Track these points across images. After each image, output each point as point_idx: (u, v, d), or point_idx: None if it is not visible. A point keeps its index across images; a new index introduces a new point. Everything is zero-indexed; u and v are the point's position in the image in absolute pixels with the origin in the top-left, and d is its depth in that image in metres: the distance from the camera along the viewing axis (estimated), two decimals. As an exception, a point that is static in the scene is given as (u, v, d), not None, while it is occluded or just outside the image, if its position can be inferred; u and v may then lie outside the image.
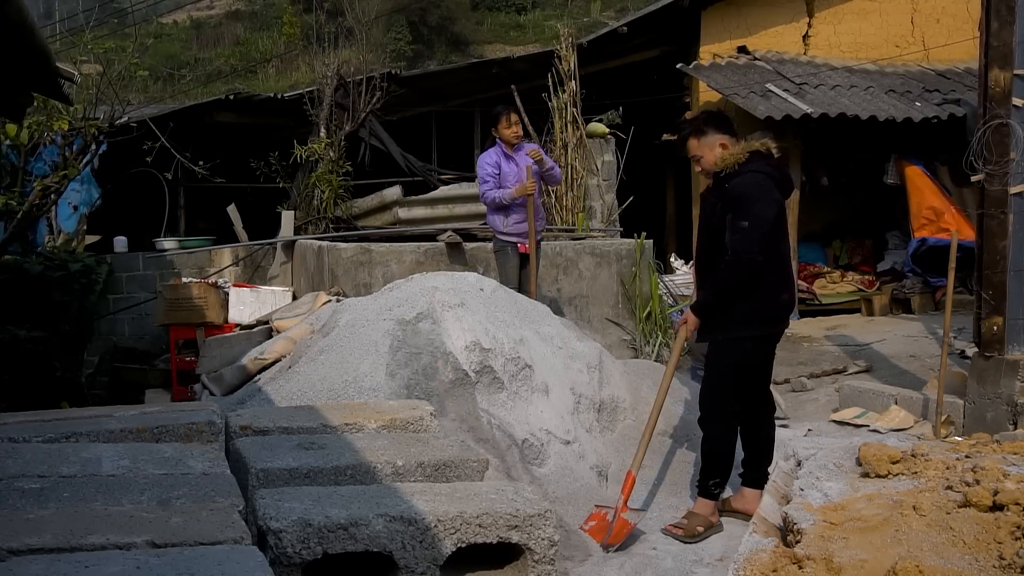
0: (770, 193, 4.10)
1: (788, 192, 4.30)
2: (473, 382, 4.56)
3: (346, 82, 10.56)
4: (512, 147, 6.75)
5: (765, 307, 4.16)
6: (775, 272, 4.15)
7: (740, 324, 4.14)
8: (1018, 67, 5.25)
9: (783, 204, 4.22)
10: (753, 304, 4.11)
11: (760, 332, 4.20)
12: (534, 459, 4.48)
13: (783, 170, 4.32)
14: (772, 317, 4.24)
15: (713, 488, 4.24)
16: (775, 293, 4.18)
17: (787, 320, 4.42)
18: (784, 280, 4.27)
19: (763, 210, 4.05)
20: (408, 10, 29.88)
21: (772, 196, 4.11)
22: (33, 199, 8.06)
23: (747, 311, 4.12)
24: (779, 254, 4.19)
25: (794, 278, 4.38)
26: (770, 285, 4.14)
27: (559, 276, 7.94)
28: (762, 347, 4.29)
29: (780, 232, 4.20)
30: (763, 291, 4.12)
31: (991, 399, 5.34)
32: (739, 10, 10.68)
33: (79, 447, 3.18)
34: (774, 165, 4.23)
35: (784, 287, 4.27)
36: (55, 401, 7.00)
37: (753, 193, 4.06)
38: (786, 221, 4.31)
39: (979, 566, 2.94)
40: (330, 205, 10.10)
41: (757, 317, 4.16)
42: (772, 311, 4.21)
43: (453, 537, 2.71)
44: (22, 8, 3.70)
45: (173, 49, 31.29)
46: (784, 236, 4.28)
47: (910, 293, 9.61)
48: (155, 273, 10.26)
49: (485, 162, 6.79)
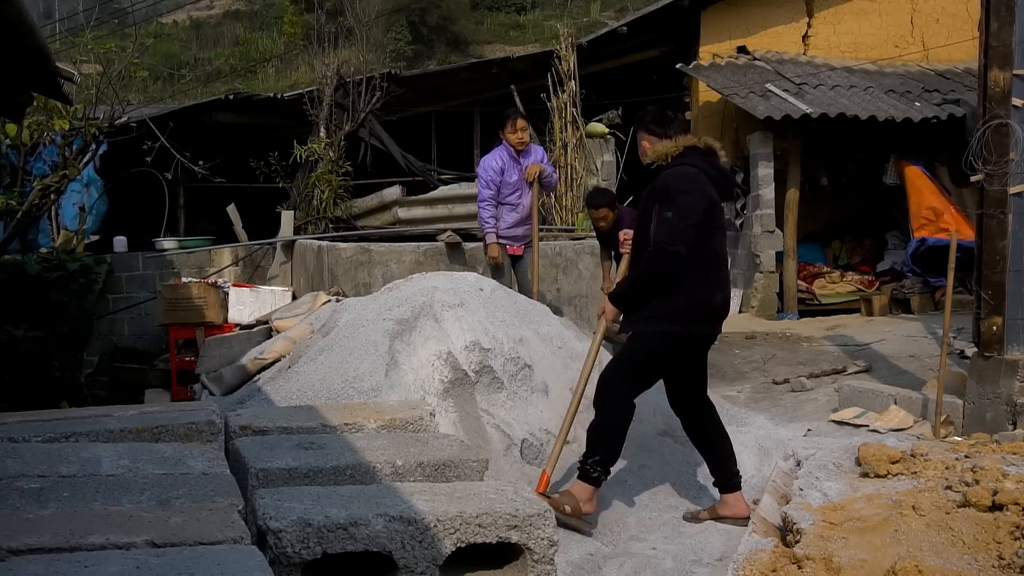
0: (700, 186, 3.95)
1: (726, 193, 4.17)
2: (473, 382, 4.56)
3: (346, 82, 10.56)
4: (519, 152, 6.79)
5: (691, 305, 3.95)
6: (705, 270, 3.96)
7: (661, 319, 3.96)
8: (1018, 67, 5.25)
9: (716, 201, 4.03)
10: (678, 300, 3.93)
11: (684, 330, 3.99)
12: (534, 459, 4.48)
13: (721, 169, 4.16)
14: (699, 317, 4.01)
15: (591, 471, 4.02)
16: (704, 292, 3.98)
17: (718, 323, 4.15)
18: (717, 280, 4.04)
19: (689, 201, 3.89)
20: (408, 10, 29.88)
21: (702, 189, 3.95)
22: (33, 199, 8.06)
23: (670, 306, 3.93)
24: (711, 251, 4.01)
25: (728, 280, 4.21)
26: (698, 282, 3.94)
27: (559, 276, 7.94)
28: (688, 347, 4.08)
29: (713, 229, 4.01)
30: (689, 288, 3.92)
31: (990, 399, 5.34)
32: (739, 10, 10.69)
33: (79, 447, 3.18)
34: (712, 163, 4.09)
35: (718, 287, 4.04)
36: (55, 401, 7.01)
37: (679, 185, 3.92)
38: (721, 219, 4.14)
39: (978, 566, 2.95)
40: (330, 205, 10.11)
41: (681, 314, 3.94)
42: (700, 310, 3.99)
43: (453, 537, 2.71)
44: (22, 8, 3.70)
45: (173, 49, 31.27)
46: (719, 235, 4.11)
47: (910, 293, 9.62)
48: (155, 273, 10.26)
49: (488, 166, 6.79)
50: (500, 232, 6.81)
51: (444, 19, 31.94)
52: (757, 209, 9.66)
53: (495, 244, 6.76)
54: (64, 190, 8.68)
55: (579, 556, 3.82)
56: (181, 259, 10.41)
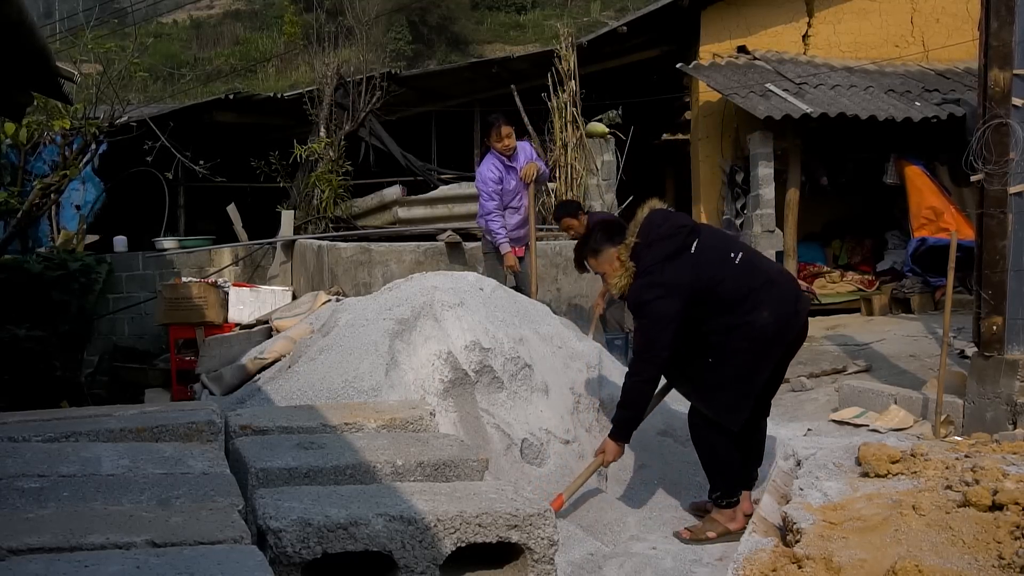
0: (662, 287, 3.86)
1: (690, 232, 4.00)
2: (473, 382, 4.56)
3: (346, 82, 10.57)
4: (509, 156, 6.80)
5: (738, 368, 3.92)
6: (731, 323, 3.89)
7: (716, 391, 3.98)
8: (1018, 67, 5.25)
9: (692, 266, 3.91)
10: (725, 371, 3.92)
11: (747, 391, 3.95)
12: (534, 459, 4.48)
13: (674, 219, 4.07)
14: (759, 352, 3.93)
15: (720, 502, 4.12)
16: (746, 336, 3.89)
17: (787, 334, 4.00)
18: (751, 307, 3.91)
19: (658, 308, 3.85)
20: (408, 10, 29.88)
21: (666, 288, 3.86)
22: (33, 198, 8.07)
23: (721, 380, 3.94)
24: (719, 299, 3.91)
25: (767, 290, 3.99)
26: (734, 346, 3.89)
27: (559, 276, 7.95)
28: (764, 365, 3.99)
29: (716, 276, 3.92)
30: (728, 355, 3.89)
31: (990, 399, 5.34)
32: (739, 10, 10.68)
33: (79, 447, 3.18)
34: (663, 234, 3.95)
35: (756, 311, 3.91)
36: (55, 400, 7.00)
37: (643, 296, 3.89)
38: (716, 257, 3.99)
39: (978, 566, 2.95)
40: (330, 205, 10.12)
41: (735, 380, 3.92)
42: (756, 348, 3.91)
43: (453, 537, 2.71)
44: (22, 8, 3.70)
45: (173, 49, 31.27)
46: (728, 273, 3.96)
47: (910, 293, 9.62)
48: (155, 273, 10.26)
49: (487, 178, 6.78)
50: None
51: (444, 19, 31.95)
52: (757, 209, 9.66)
53: (511, 253, 6.80)
54: (64, 189, 8.69)
55: (579, 556, 3.82)
56: (181, 259, 10.41)
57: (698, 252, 3.98)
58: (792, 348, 4.14)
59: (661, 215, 4.10)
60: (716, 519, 4.14)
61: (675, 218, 4.16)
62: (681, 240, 3.99)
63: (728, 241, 4.22)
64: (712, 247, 4.04)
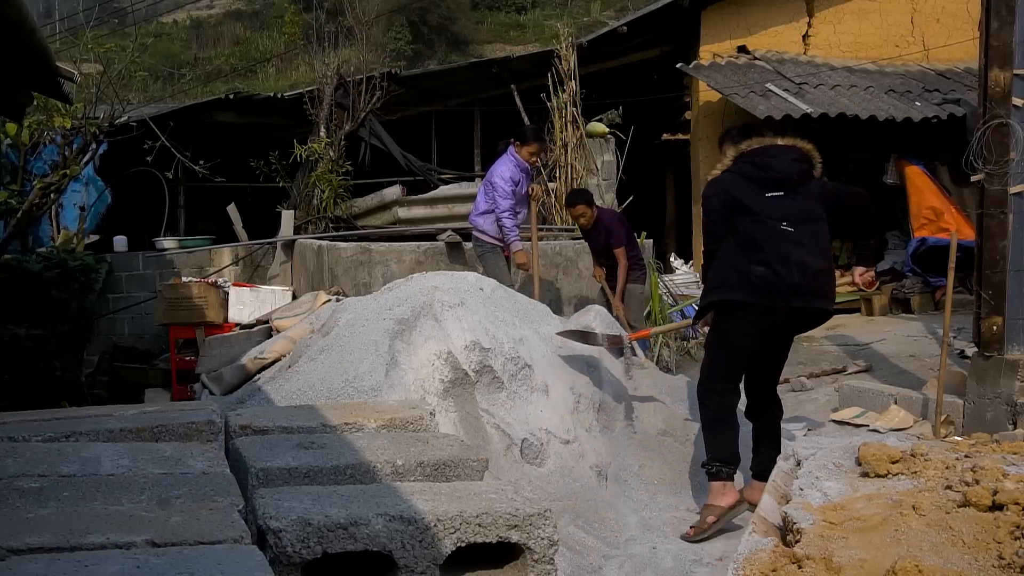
0: (719, 187, 4.37)
1: (766, 182, 4.30)
2: (473, 382, 4.56)
3: (346, 82, 10.56)
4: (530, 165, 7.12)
5: (725, 273, 4.26)
6: (739, 247, 4.23)
7: (706, 293, 4.45)
8: (1018, 67, 5.25)
9: (740, 195, 4.27)
10: (713, 274, 4.35)
11: (724, 297, 4.24)
12: (534, 459, 4.48)
13: (759, 163, 4.36)
14: (737, 284, 4.20)
15: (710, 468, 4.23)
16: (738, 261, 4.22)
17: (768, 296, 4.19)
18: (757, 258, 4.18)
19: (705, 206, 4.41)
20: (408, 10, 29.86)
21: (721, 191, 4.35)
22: (33, 198, 8.07)
23: (709, 282, 4.41)
24: (743, 234, 4.24)
25: (786, 259, 4.22)
26: (729, 255, 4.25)
27: (559, 276, 7.95)
28: (745, 318, 4.19)
29: (743, 215, 4.26)
30: (720, 261, 4.29)
31: (990, 399, 5.34)
32: (739, 10, 10.68)
33: (79, 447, 3.18)
34: (753, 161, 4.38)
35: (757, 262, 4.18)
36: (55, 400, 7.00)
37: (704, 190, 4.50)
38: (759, 205, 4.26)
39: (978, 566, 2.94)
40: (330, 205, 10.11)
41: (720, 284, 4.29)
42: (735, 277, 4.21)
43: (453, 536, 2.71)
44: (22, 8, 3.70)
45: (173, 49, 31.29)
46: (754, 219, 4.25)
47: (910, 293, 9.62)
48: (155, 273, 10.26)
49: (508, 177, 7.01)
50: (498, 235, 7.03)
51: (444, 19, 31.95)
52: (757, 209, 9.65)
53: (523, 251, 6.89)
54: (65, 189, 8.69)
55: (579, 556, 3.82)
56: (181, 259, 10.41)
57: (765, 198, 4.29)
58: (775, 338, 4.39)
59: (777, 150, 4.41)
60: (711, 503, 4.23)
61: (778, 162, 4.36)
62: (761, 177, 4.31)
63: (798, 216, 4.30)
64: (780, 206, 4.26)
